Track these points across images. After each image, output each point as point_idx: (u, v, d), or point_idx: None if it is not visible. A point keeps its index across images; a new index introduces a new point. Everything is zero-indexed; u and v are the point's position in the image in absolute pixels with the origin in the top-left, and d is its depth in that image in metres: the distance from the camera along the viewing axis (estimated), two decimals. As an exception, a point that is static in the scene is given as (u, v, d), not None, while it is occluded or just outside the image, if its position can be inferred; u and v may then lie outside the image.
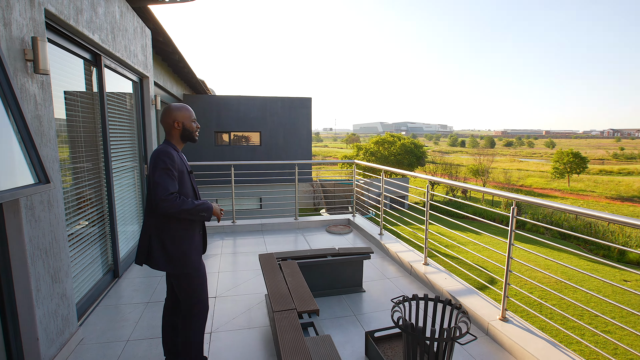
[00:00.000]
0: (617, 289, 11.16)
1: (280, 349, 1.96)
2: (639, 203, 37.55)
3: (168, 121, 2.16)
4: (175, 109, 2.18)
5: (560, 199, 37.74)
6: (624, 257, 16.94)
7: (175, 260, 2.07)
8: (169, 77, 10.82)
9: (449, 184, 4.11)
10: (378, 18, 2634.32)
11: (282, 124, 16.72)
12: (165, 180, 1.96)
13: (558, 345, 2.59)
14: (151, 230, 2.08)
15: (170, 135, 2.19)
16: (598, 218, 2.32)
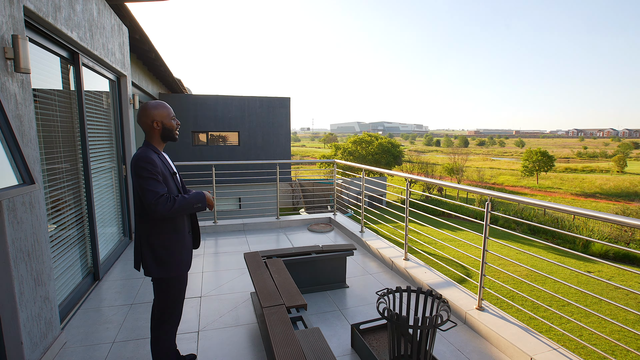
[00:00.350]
0: (582, 278, 11.84)
1: (272, 342, 2.02)
2: (601, 199, 39.78)
3: (146, 121, 2.07)
4: (153, 108, 2.08)
5: (530, 196, 39.37)
6: (587, 250, 17.92)
7: (166, 264, 2.04)
8: (144, 75, 10.57)
9: (431, 182, 4.27)
10: (355, 19, 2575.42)
11: (260, 124, 16.64)
12: (152, 185, 1.92)
13: (530, 331, 2.77)
14: (142, 236, 2.05)
15: (150, 136, 2.11)
16: (564, 211, 2.51)
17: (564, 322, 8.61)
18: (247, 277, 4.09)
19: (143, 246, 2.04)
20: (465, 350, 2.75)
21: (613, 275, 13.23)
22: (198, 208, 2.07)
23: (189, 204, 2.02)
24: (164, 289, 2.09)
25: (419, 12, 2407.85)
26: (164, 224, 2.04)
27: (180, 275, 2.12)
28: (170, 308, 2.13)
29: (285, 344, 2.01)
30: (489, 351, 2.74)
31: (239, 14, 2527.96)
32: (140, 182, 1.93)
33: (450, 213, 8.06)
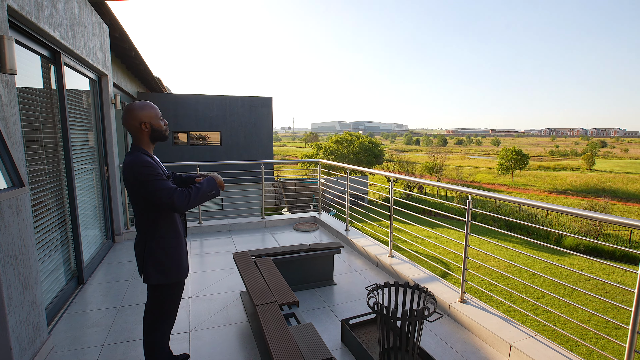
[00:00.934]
0: (556, 271, 12.39)
1: (267, 339, 2.07)
2: (572, 195, 41.57)
3: (133, 123, 1.97)
4: (139, 109, 1.98)
5: (506, 193, 40.70)
6: (560, 244, 18.75)
7: (166, 270, 2.01)
8: (123, 74, 10.33)
9: (416, 181, 4.41)
10: (335, 18, 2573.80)
11: (242, 124, 16.52)
12: (160, 184, 1.86)
13: (510, 321, 2.94)
14: (142, 242, 2.01)
15: (138, 139, 2.00)
16: (541, 208, 2.68)
17: (539, 312, 9.02)
18: (235, 277, 4.11)
19: (145, 252, 1.99)
20: (450, 341, 2.88)
21: (583, 268, 13.90)
22: (212, 195, 2.01)
23: (204, 193, 1.97)
24: (161, 295, 2.05)
25: (399, 12, 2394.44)
26: (164, 229, 2.01)
27: (179, 282, 2.10)
28: (165, 314, 2.11)
29: (280, 339, 2.07)
30: (472, 341, 2.88)
31: (218, 13, 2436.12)
32: (146, 186, 1.86)
33: (432, 210, 8.26)
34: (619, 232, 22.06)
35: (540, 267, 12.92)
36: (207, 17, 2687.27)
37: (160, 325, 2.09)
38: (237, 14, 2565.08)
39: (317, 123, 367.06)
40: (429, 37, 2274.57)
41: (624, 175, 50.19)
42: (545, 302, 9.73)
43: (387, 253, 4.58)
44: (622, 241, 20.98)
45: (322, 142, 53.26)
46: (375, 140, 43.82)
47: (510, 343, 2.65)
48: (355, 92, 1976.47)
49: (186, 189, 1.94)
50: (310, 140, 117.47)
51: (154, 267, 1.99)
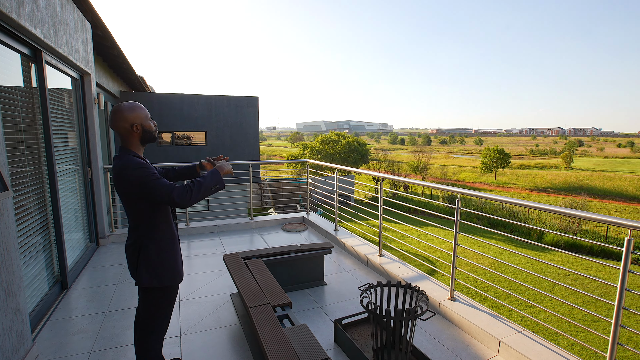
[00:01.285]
0: (537, 267, 12.74)
1: (262, 341, 2.06)
2: (551, 193, 42.78)
3: (124, 125, 1.90)
4: (130, 110, 1.92)
5: (489, 191, 41.58)
6: (541, 240, 19.27)
7: (160, 273, 1.96)
8: (105, 72, 10.07)
9: (405, 181, 4.45)
10: (319, 18, 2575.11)
11: (228, 124, 16.34)
12: (158, 183, 1.82)
13: (498, 317, 3.00)
14: (136, 245, 1.96)
15: (128, 141, 1.94)
16: (527, 206, 2.75)
17: (522, 307, 9.25)
18: (225, 279, 4.07)
19: (140, 254, 1.95)
20: (441, 338, 2.92)
21: (563, 263, 14.32)
22: (217, 189, 1.95)
23: (207, 187, 1.90)
24: (154, 298, 2.01)
25: (384, 13, 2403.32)
26: (160, 231, 1.97)
27: (173, 286, 2.06)
28: (159, 319, 2.06)
29: (275, 342, 2.06)
30: (462, 337, 2.93)
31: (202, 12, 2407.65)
32: (145, 186, 1.81)
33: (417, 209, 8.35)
34: (596, 228, 22.83)
35: (523, 264, 13.26)
36: (192, 16, 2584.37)
37: (154, 330, 2.05)
38: (222, 14, 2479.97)
39: (303, 122, 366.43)
40: (412, 38, 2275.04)
41: (600, 173, 51.95)
42: (528, 297, 10.00)
43: (376, 252, 4.62)
44: (600, 237, 21.72)
45: (308, 142, 53.24)
46: (361, 139, 44.07)
47: (499, 339, 2.71)
48: (340, 91, 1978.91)
49: (188, 184, 1.87)
50: (296, 140, 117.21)
51: (147, 270, 1.94)
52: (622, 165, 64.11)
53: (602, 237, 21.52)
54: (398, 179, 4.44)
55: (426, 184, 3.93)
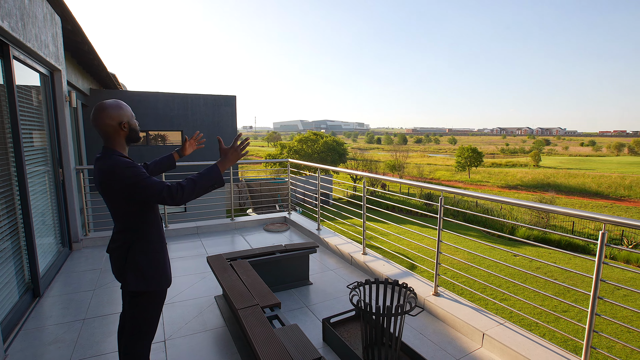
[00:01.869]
0: (510, 261, 13.24)
1: (253, 343, 2.03)
2: (522, 190, 44.57)
3: (111, 123, 1.82)
4: (117, 108, 1.84)
5: (465, 189, 42.74)
6: (511, 238, 20.02)
7: (149, 276, 1.89)
8: (74, 69, 9.64)
9: (388, 180, 4.50)
10: (295, 18, 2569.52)
11: (205, 123, 16.03)
12: (148, 181, 1.74)
13: (481, 310, 3.10)
14: (123, 248, 1.88)
15: (114, 141, 1.86)
16: (507, 203, 2.85)
17: (500, 299, 9.58)
18: (208, 281, 3.99)
19: (127, 258, 1.86)
20: (427, 333, 2.98)
21: (533, 256, 14.93)
22: (214, 187, 1.84)
23: (202, 186, 1.79)
24: (143, 303, 1.92)
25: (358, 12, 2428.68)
26: (148, 234, 1.90)
27: (163, 290, 1.98)
28: (148, 324, 1.97)
29: (267, 342, 2.04)
30: (447, 331, 3.00)
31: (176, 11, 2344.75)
32: (136, 186, 1.74)
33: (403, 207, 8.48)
34: (563, 223, 23.98)
35: (500, 257, 13.74)
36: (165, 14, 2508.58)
37: (142, 335, 1.97)
38: (196, 12, 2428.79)
39: (280, 122, 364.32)
40: (387, 38, 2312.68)
41: (566, 171, 54.61)
42: (508, 290, 10.38)
43: (360, 251, 4.65)
44: (565, 231, 22.81)
45: (286, 142, 53.01)
46: (339, 139, 44.30)
47: (483, 331, 2.80)
48: (316, 91, 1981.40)
49: (181, 182, 1.79)
50: (273, 140, 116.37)
51: (136, 274, 1.86)
52: (585, 163, 67.62)
53: (569, 231, 22.62)
54: (384, 179, 4.49)
55: (413, 183, 3.99)
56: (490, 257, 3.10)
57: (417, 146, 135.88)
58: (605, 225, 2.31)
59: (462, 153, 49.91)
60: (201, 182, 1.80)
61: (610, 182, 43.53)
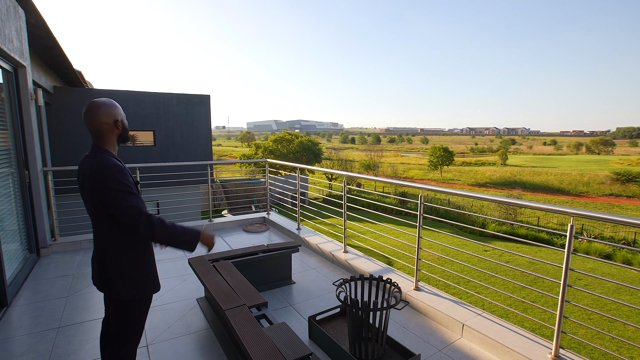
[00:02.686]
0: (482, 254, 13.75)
1: (243, 342, 2.02)
2: (491, 187, 46.41)
3: (107, 121, 1.79)
4: (112, 106, 1.82)
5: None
6: (482, 233, 20.80)
7: (137, 284, 1.83)
8: (36, 65, 9.14)
9: (371, 179, 4.58)
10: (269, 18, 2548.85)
11: (178, 123, 15.61)
12: (133, 200, 1.69)
13: (460, 302, 3.22)
14: (107, 254, 1.81)
15: (106, 140, 1.82)
16: (487, 199, 2.98)
17: (476, 290, 9.95)
18: (189, 283, 3.91)
19: (109, 265, 1.80)
20: (409, 326, 3.07)
21: (502, 253, 15.60)
22: (184, 248, 1.79)
23: (175, 238, 1.76)
24: (131, 310, 1.86)
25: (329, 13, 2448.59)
26: (135, 238, 1.83)
27: (149, 297, 1.93)
28: (134, 330, 1.91)
29: (257, 342, 2.03)
30: (428, 324, 3.10)
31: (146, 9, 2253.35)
32: (114, 195, 1.67)
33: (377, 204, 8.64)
34: (529, 218, 25.20)
35: (475, 251, 14.25)
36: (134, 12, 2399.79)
37: (128, 342, 1.91)
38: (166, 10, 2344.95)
39: (253, 122, 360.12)
40: (359, 39, 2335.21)
41: (531, 169, 57.32)
42: (485, 282, 10.79)
43: (341, 249, 4.71)
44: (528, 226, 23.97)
45: (261, 142, 52.55)
46: (314, 139, 44.39)
47: (462, 322, 2.91)
48: (290, 91, 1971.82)
49: (161, 220, 1.73)
50: (247, 140, 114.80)
51: (123, 281, 1.79)
52: (547, 162, 71.26)
53: (535, 225, 23.80)
54: (369, 178, 4.56)
55: (396, 182, 4.08)
56: (467, 251, 3.23)
57: (391, 146, 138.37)
58: (574, 218, 2.46)
59: (434, 152, 51.32)
60: (176, 235, 1.76)
61: (571, 179, 46.13)
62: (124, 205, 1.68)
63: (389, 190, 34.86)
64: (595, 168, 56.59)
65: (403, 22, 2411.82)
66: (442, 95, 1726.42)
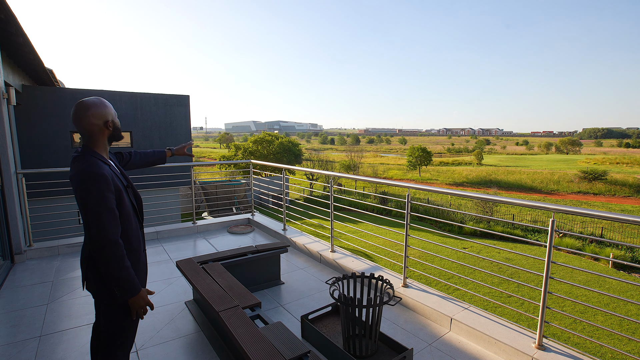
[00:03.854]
0: (460, 254, 14.15)
1: (240, 343, 2.01)
2: (467, 187, 47.69)
3: (96, 123, 1.75)
4: (102, 106, 1.78)
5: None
6: (462, 230, 21.37)
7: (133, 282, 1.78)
8: (3, 62, 8.72)
9: (359, 179, 4.63)
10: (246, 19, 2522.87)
11: (157, 124, 15.24)
12: (106, 217, 1.63)
13: (448, 297, 3.31)
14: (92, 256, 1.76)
15: (96, 141, 1.78)
16: (471, 197, 3.08)
17: (462, 284, 10.22)
18: (176, 287, 3.84)
19: (94, 267, 1.76)
20: (399, 322, 3.13)
21: (481, 248, 16.08)
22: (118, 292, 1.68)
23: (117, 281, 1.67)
24: (118, 313, 1.80)
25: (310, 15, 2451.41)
26: (125, 237, 1.79)
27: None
28: (126, 333, 1.87)
29: (254, 342, 2.03)
30: (417, 319, 3.18)
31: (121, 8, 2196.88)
32: (90, 208, 1.62)
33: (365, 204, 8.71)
34: (505, 216, 26.09)
35: (459, 246, 14.61)
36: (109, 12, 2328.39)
37: (123, 344, 1.86)
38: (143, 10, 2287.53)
39: (232, 123, 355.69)
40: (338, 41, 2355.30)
41: (505, 168, 59.29)
42: (473, 277, 11.09)
43: (328, 249, 4.74)
44: (504, 222, 24.84)
45: (240, 143, 52.00)
46: (294, 140, 44.30)
47: (450, 316, 3.00)
48: (269, 92, 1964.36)
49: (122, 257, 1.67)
50: (226, 141, 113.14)
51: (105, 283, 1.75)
52: (520, 161, 73.94)
53: (512, 221, 24.64)
54: (354, 178, 4.60)
55: (379, 181, 4.15)
56: (452, 247, 3.34)
57: (370, 146, 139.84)
58: (554, 213, 2.59)
59: (412, 152, 52.23)
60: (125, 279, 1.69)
61: (542, 178, 48.03)
62: (100, 221, 1.63)
63: (371, 190, 35.23)
64: (564, 167, 59.20)
65: (380, 25, 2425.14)
66: (419, 96, 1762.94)
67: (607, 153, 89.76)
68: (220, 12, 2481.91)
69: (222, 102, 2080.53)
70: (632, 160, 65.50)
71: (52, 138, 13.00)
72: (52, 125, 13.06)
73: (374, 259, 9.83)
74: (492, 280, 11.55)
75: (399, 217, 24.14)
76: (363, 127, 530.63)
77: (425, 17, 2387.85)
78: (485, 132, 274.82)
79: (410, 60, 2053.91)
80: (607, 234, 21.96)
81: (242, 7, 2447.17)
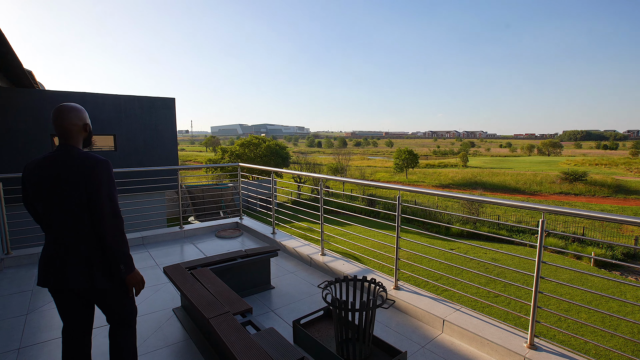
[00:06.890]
0: (447, 255, 14.30)
1: (231, 350, 1.95)
2: (453, 188, 48.35)
3: (78, 124, 1.92)
4: (82, 110, 1.96)
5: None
6: (449, 232, 21.60)
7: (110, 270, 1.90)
8: (-19, 65, 8.43)
9: (351, 181, 4.61)
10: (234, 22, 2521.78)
11: (141, 127, 14.94)
12: (116, 198, 1.85)
13: (439, 299, 3.31)
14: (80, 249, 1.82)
15: (74, 140, 1.93)
16: (461, 198, 3.09)
17: (452, 285, 10.29)
18: (163, 293, 3.74)
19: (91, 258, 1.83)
20: (391, 325, 3.11)
21: (467, 249, 16.29)
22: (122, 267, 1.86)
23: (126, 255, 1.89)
24: (124, 291, 1.95)
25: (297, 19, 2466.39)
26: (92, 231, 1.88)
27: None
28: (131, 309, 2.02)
29: (246, 348, 1.97)
30: (409, 321, 3.16)
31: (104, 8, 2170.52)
32: (104, 187, 1.79)
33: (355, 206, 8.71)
34: (490, 216, 26.52)
35: (448, 247, 14.74)
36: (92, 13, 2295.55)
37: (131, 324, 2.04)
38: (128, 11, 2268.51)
39: (218, 126, 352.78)
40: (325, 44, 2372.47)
41: (489, 170, 60.38)
42: (461, 277, 11.17)
43: (319, 252, 4.70)
44: (490, 223, 25.26)
45: (227, 146, 51.51)
46: (281, 143, 44.16)
47: (442, 318, 3.00)
48: (255, 95, 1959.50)
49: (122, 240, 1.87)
50: (212, 144, 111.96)
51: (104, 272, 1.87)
52: (504, 163, 75.40)
53: (501, 222, 25.06)
54: (345, 180, 4.58)
55: (368, 183, 4.14)
56: (442, 248, 3.34)
57: (357, 149, 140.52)
58: (544, 213, 2.62)
59: (399, 155, 52.71)
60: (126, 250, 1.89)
61: (525, 179, 49.07)
62: (108, 201, 1.79)
63: (358, 193, 35.34)
64: (547, 168, 60.67)
65: (367, 27, 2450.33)
66: (405, 99, 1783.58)
67: (587, 155, 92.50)
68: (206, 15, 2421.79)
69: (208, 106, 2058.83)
70: (610, 161, 67.66)
71: (31, 141, 12.61)
72: (31, 128, 12.67)
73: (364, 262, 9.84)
74: (479, 281, 11.70)
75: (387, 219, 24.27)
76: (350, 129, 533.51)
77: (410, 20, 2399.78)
78: (470, 135, 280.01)
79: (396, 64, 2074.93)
80: (588, 233, 22.55)
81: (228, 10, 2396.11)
